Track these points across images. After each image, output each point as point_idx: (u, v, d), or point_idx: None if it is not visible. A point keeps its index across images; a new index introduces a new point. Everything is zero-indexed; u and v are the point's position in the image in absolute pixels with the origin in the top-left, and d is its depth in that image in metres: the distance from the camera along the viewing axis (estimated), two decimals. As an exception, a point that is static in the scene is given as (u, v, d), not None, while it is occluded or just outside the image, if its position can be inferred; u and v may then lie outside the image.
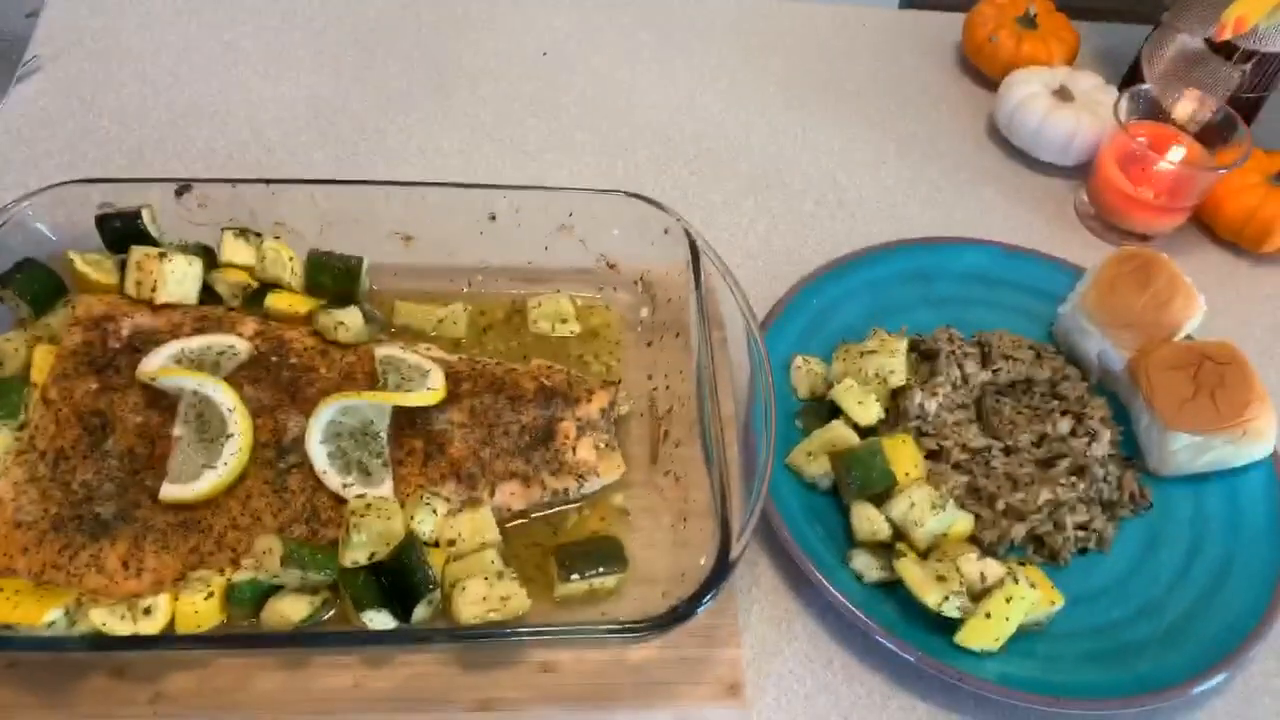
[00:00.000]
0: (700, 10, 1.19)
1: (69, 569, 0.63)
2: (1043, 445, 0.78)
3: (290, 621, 0.61)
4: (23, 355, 0.71)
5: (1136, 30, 1.18)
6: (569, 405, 0.73)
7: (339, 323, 0.74)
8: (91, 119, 0.97)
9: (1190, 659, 0.68)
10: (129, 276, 0.74)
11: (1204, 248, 1.01)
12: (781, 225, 0.97)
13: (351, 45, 1.08)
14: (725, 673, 0.66)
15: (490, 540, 0.66)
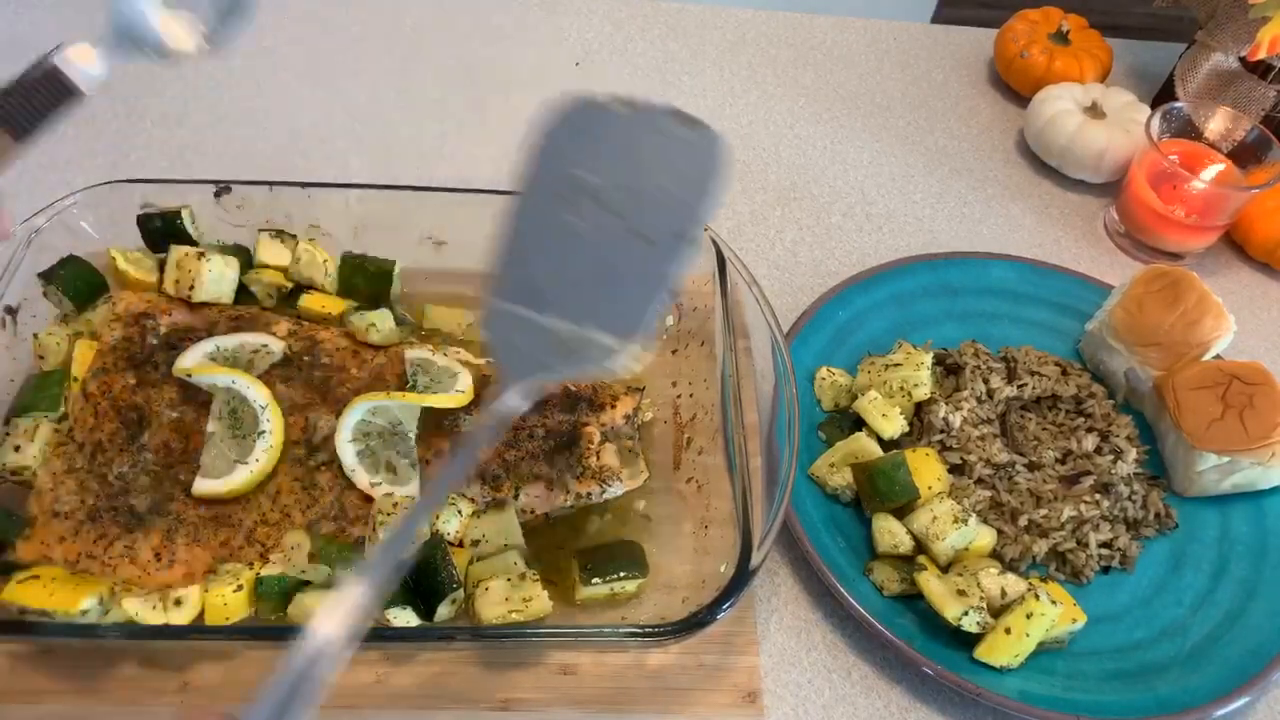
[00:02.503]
0: (731, 22, 1.20)
1: (103, 559, 0.64)
2: (1067, 462, 0.77)
3: (316, 616, 0.63)
4: (64, 349, 0.73)
5: (1170, 48, 1.18)
6: (594, 411, 0.74)
7: (371, 324, 0.75)
8: (134, 121, 1.00)
9: (1213, 681, 0.68)
10: (168, 275, 0.76)
11: (1235, 268, 1.00)
12: (809, 237, 0.97)
13: (388, 54, 1.10)
14: (743, 680, 0.66)
15: (513, 542, 0.67)
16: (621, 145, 0.57)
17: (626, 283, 0.55)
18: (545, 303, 0.56)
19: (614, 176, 0.56)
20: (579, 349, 0.55)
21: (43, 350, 0.73)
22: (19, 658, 0.63)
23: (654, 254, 0.55)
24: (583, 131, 0.58)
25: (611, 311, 0.55)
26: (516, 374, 0.54)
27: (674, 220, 0.55)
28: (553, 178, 0.58)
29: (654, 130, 0.57)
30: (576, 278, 0.56)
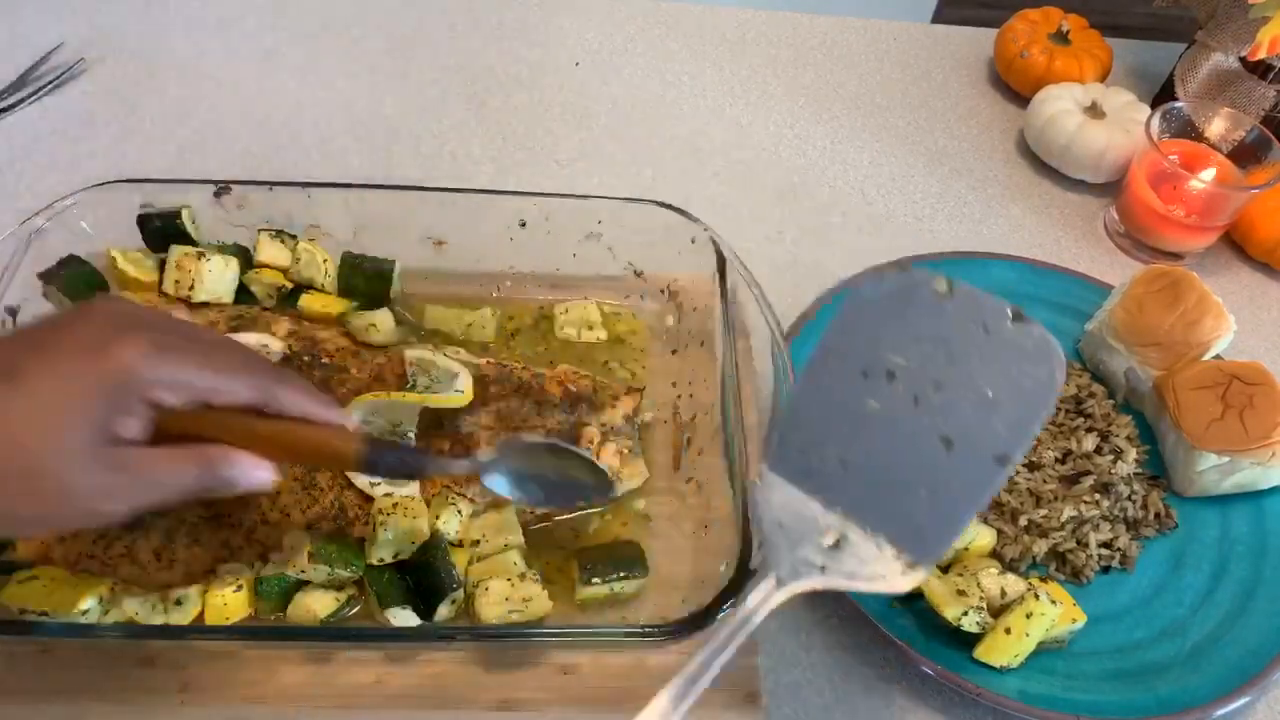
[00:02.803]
0: (731, 22, 1.20)
1: (103, 559, 0.64)
2: (1067, 462, 0.77)
3: (316, 616, 0.63)
4: (64, 349, 0.73)
5: (1170, 48, 1.18)
6: (593, 411, 0.74)
7: (370, 324, 0.75)
8: (134, 121, 1.00)
9: (1213, 681, 0.68)
10: (168, 275, 0.76)
11: (1235, 268, 1.00)
12: (809, 237, 0.97)
13: (387, 54, 1.10)
14: (743, 680, 0.66)
15: (513, 542, 0.67)
16: (941, 334, 0.50)
17: (930, 496, 0.49)
18: (829, 491, 0.51)
19: (929, 368, 0.49)
20: (858, 557, 0.49)
21: (43, 350, 0.73)
22: (19, 658, 0.62)
23: (967, 472, 0.48)
24: (901, 309, 0.51)
25: (907, 525, 0.49)
26: (780, 566, 0.50)
27: (993, 436, 0.48)
28: (859, 352, 0.51)
29: (979, 324, 0.49)
30: (870, 474, 0.50)
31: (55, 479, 0.45)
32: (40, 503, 0.45)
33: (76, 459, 0.45)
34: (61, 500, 0.45)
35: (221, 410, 0.52)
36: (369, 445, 0.55)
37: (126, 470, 0.48)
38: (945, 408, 0.49)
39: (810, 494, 0.52)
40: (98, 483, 0.46)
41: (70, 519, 0.46)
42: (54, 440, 0.44)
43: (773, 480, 0.53)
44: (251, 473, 0.52)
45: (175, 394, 0.49)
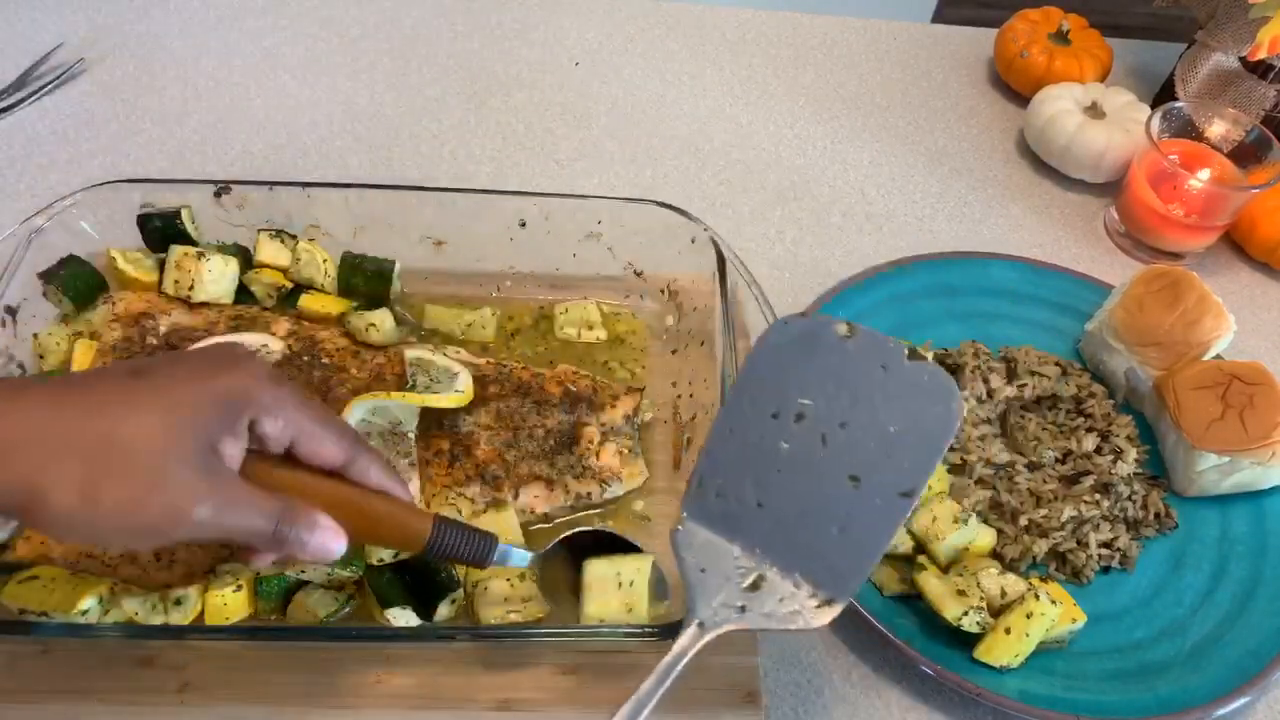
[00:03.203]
0: (731, 22, 1.20)
1: (103, 559, 0.64)
2: (1067, 462, 0.77)
3: (316, 616, 0.63)
4: (64, 349, 0.73)
5: (1170, 48, 1.18)
6: (593, 410, 0.74)
7: (370, 324, 0.75)
8: (134, 121, 1.00)
9: (1213, 681, 0.68)
10: (168, 275, 0.76)
11: (1235, 268, 1.00)
12: (809, 237, 0.97)
13: (387, 53, 1.10)
14: (743, 680, 0.66)
15: (513, 542, 0.67)
16: (845, 375, 0.52)
17: (841, 533, 0.51)
18: (746, 533, 0.53)
19: (834, 408, 0.52)
20: (776, 596, 0.51)
21: (43, 350, 0.73)
22: (19, 658, 0.62)
23: (874, 508, 0.50)
24: (807, 353, 0.53)
25: (821, 563, 0.51)
26: (702, 611, 0.51)
27: (897, 472, 0.50)
28: (769, 396, 0.53)
29: (880, 364, 0.52)
30: (784, 514, 0.52)
31: (156, 461, 0.45)
32: (130, 484, 0.44)
33: (181, 450, 0.46)
34: (152, 486, 0.45)
35: (307, 469, 0.53)
36: (437, 527, 0.55)
37: (218, 483, 0.48)
38: (851, 446, 0.51)
39: (728, 537, 0.54)
40: (191, 481, 0.46)
41: (148, 511, 0.45)
42: (167, 428, 0.45)
43: (693, 527, 0.54)
44: (328, 541, 0.52)
45: (278, 427, 0.50)
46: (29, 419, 0.44)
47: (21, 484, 0.43)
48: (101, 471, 0.44)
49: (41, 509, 0.43)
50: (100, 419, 0.45)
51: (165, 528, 0.46)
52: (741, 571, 0.52)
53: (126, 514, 0.44)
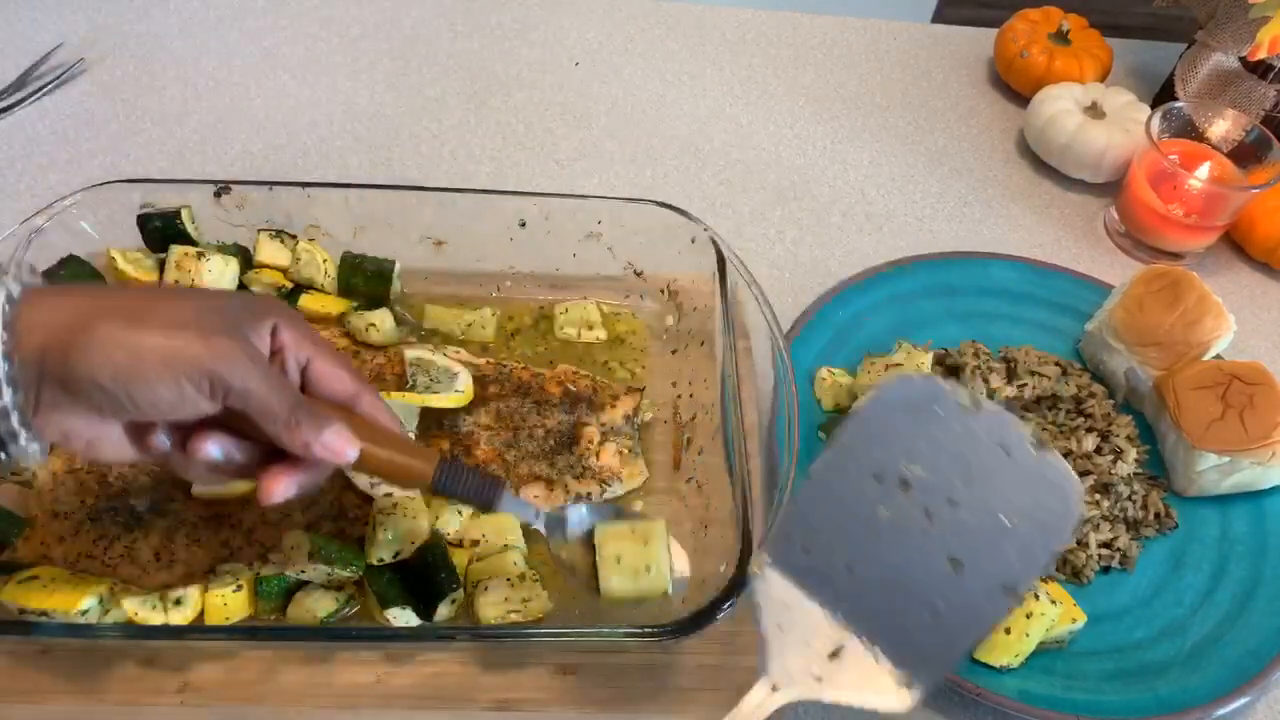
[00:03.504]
0: (731, 22, 1.20)
1: (103, 559, 0.64)
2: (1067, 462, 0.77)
3: (315, 616, 0.63)
4: (64, 349, 0.73)
5: (1170, 48, 1.18)
6: (593, 410, 0.74)
7: (370, 324, 0.75)
8: (134, 121, 1.00)
9: (1213, 681, 0.68)
10: (168, 275, 0.75)
11: (1235, 267, 1.00)
12: (809, 237, 0.97)
13: (387, 53, 1.10)
14: (743, 681, 0.65)
15: (513, 542, 0.67)
16: (961, 449, 0.48)
17: (933, 617, 0.47)
18: (830, 596, 0.49)
19: (945, 482, 0.48)
20: (857, 670, 0.48)
21: (42, 350, 0.73)
22: (19, 658, 0.62)
23: (972, 597, 0.47)
24: (923, 417, 0.49)
25: (908, 643, 0.48)
26: (776, 672, 0.48)
27: (1003, 564, 0.46)
28: (874, 455, 0.49)
29: (1001, 445, 0.47)
30: (875, 584, 0.49)
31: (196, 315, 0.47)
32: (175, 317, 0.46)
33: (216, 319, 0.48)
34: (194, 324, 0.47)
35: (320, 400, 0.53)
36: (442, 464, 0.55)
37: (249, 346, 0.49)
38: (957, 526, 0.48)
39: (811, 596, 0.50)
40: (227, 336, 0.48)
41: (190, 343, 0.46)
42: (199, 309, 0.48)
43: (773, 575, 0.51)
44: (342, 442, 0.51)
45: (296, 339, 0.52)
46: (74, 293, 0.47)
47: (65, 324, 0.45)
48: (147, 311, 0.46)
49: (88, 335, 0.45)
50: (141, 296, 0.48)
51: (206, 362, 0.46)
52: (823, 638, 0.49)
53: (170, 336, 0.46)
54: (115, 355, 0.45)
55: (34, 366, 0.45)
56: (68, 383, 0.46)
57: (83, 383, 0.45)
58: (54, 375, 0.46)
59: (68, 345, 0.45)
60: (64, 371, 0.45)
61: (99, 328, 0.45)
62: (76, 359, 0.45)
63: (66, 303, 0.46)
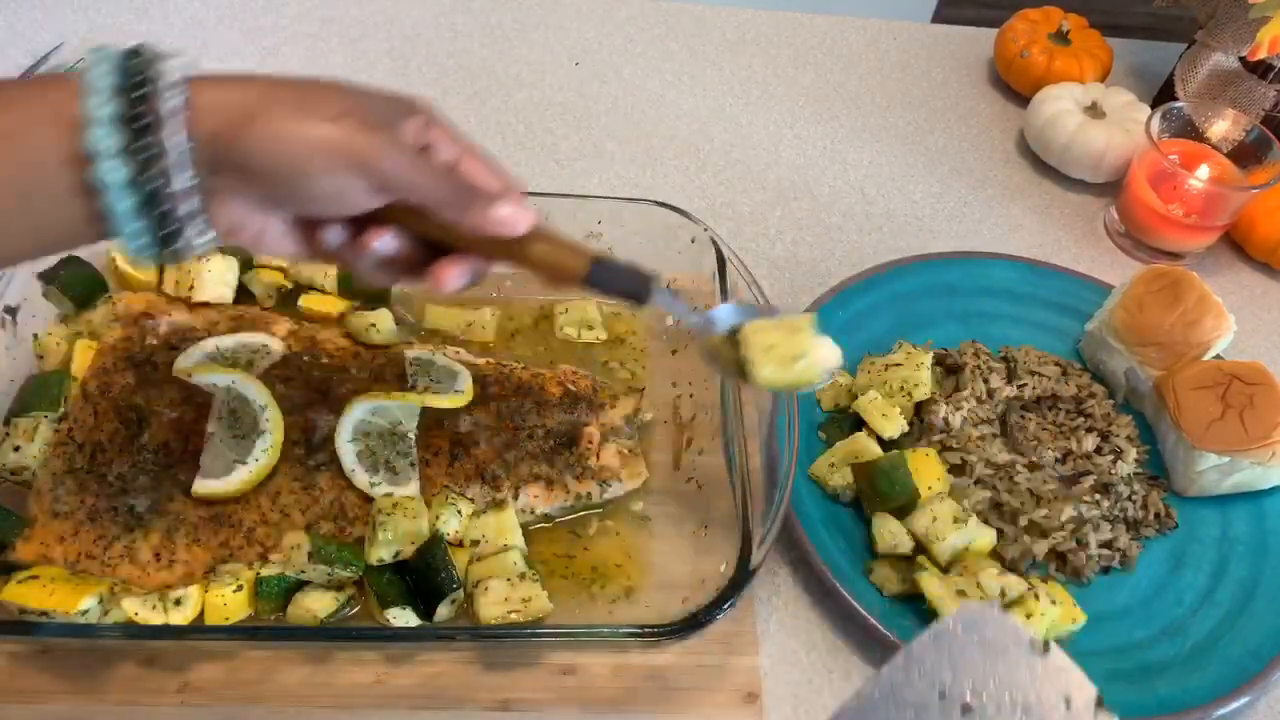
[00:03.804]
0: (731, 22, 1.20)
1: (103, 559, 0.64)
2: (1067, 462, 0.77)
3: (316, 616, 0.63)
4: (64, 350, 0.73)
5: (1170, 48, 1.18)
6: (593, 411, 0.74)
7: (370, 324, 0.75)
8: (134, 121, 0.99)
9: (1213, 681, 0.68)
10: (168, 275, 0.76)
11: (1235, 268, 1.00)
12: (808, 237, 0.97)
13: (387, 53, 1.10)
14: (743, 681, 0.66)
15: (513, 542, 0.67)
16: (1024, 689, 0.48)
17: None
18: None
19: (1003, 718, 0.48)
20: None
21: (43, 350, 0.73)
22: (19, 658, 0.63)
23: None
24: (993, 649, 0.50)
25: None
26: None
27: None
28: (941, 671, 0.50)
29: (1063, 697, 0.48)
30: None
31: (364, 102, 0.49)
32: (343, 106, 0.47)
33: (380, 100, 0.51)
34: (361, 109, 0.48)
35: None
36: (597, 260, 0.55)
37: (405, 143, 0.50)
38: None
39: None
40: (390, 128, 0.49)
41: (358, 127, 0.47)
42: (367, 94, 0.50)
43: None
44: (517, 213, 0.51)
45: (447, 136, 0.53)
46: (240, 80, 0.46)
47: (238, 109, 0.45)
48: (311, 102, 0.46)
49: (259, 123, 0.45)
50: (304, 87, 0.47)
51: (367, 154, 0.46)
52: None
53: (335, 128, 0.46)
54: (285, 144, 0.45)
55: (206, 149, 0.45)
56: (239, 169, 0.45)
57: (254, 170, 0.45)
58: (225, 161, 0.45)
59: (240, 132, 0.44)
60: (236, 158, 0.45)
61: (269, 116, 0.45)
62: (249, 146, 0.44)
63: (235, 88, 0.45)
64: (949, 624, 0.51)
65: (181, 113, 0.44)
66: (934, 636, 0.51)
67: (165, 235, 0.45)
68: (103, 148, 0.42)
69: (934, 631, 0.51)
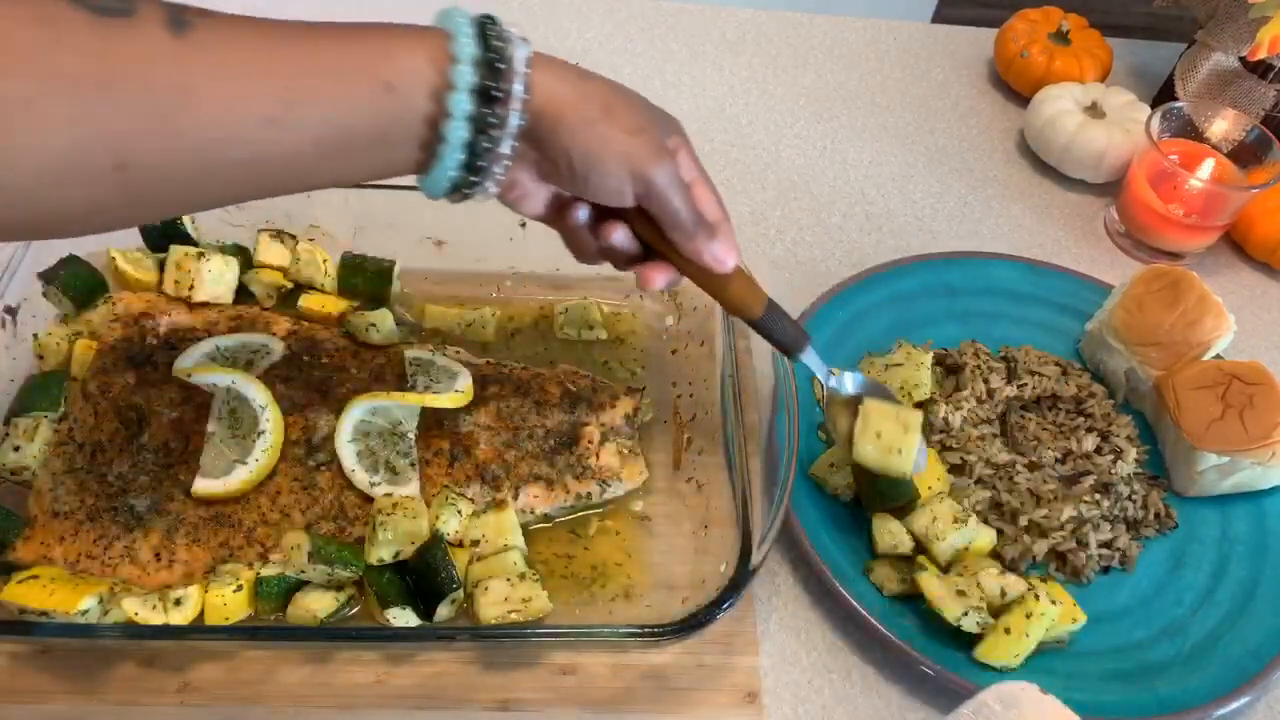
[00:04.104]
0: (731, 22, 1.20)
1: (103, 559, 0.64)
2: (1067, 462, 0.77)
3: (315, 616, 0.63)
4: (64, 350, 0.73)
5: (1170, 48, 1.18)
6: (593, 410, 0.74)
7: (370, 324, 0.75)
8: (134, 121, 0.99)
9: (1213, 681, 0.68)
10: (168, 275, 0.76)
11: (1235, 267, 1.00)
12: (808, 237, 0.97)
13: (388, 52, 1.10)
14: (743, 681, 0.66)
15: (513, 542, 0.67)
16: None
17: None
18: None
19: None
20: None
21: (43, 350, 0.73)
22: (19, 658, 0.63)
23: None
24: None
25: None
26: None
27: None
28: None
29: None
30: None
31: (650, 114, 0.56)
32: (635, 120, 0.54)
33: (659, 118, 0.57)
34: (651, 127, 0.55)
35: None
36: (771, 305, 0.62)
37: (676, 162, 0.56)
38: None
39: None
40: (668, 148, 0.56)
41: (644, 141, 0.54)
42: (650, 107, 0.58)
43: None
44: (728, 251, 0.58)
45: (689, 168, 0.59)
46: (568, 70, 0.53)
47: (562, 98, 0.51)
48: (615, 108, 0.53)
49: (574, 116, 0.51)
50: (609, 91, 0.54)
51: (650, 167, 0.53)
52: None
53: (633, 136, 0.53)
54: (591, 141, 0.52)
55: (528, 126, 0.50)
56: (544, 148, 0.52)
57: (557, 153, 0.52)
58: (536, 136, 0.51)
59: (558, 118, 0.51)
60: (547, 139, 0.52)
61: (584, 112, 0.51)
62: (562, 136, 0.51)
63: (565, 78, 0.52)
64: (986, 698, 0.53)
65: (525, 95, 0.49)
66: (974, 710, 0.53)
67: (465, 184, 0.52)
68: (457, 111, 0.48)
69: (973, 705, 0.53)
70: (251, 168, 0.46)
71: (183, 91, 0.42)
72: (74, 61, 0.40)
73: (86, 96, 0.40)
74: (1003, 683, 0.55)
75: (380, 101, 0.47)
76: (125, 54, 0.41)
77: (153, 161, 0.43)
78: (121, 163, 0.42)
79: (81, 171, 0.41)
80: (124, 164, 0.42)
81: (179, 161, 0.43)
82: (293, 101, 0.45)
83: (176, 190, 0.45)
